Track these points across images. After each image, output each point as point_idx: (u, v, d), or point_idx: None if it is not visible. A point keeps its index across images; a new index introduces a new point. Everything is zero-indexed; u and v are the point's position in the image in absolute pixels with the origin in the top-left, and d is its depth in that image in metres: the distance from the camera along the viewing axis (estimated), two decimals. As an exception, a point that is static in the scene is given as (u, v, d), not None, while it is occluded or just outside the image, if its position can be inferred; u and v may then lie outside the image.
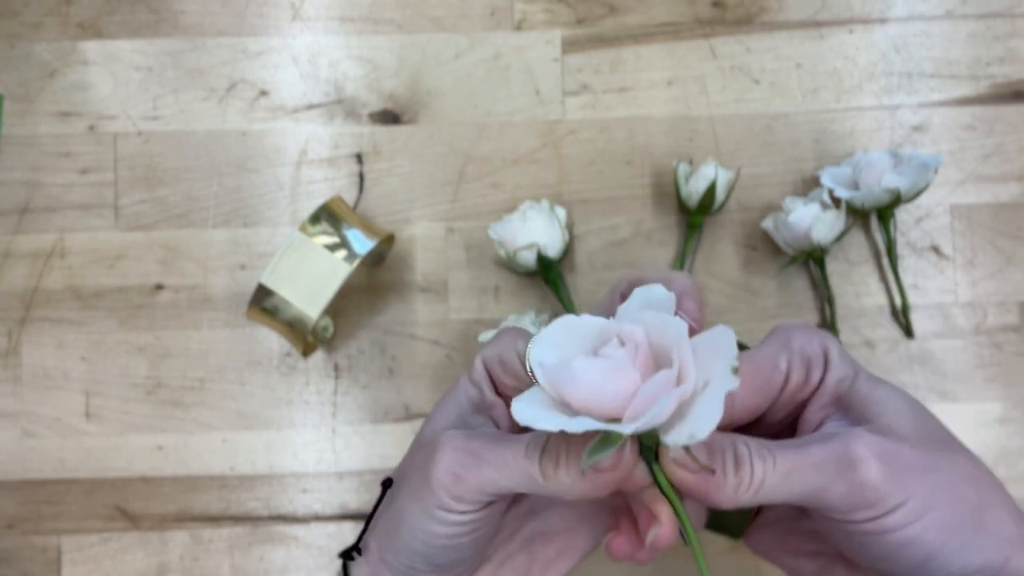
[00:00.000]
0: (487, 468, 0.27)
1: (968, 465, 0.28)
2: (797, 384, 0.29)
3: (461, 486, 0.27)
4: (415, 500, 0.28)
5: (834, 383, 0.29)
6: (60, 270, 0.51)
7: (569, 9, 0.53)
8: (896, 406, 0.28)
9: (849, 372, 0.29)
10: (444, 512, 0.28)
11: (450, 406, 0.31)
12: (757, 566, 0.49)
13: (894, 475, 0.26)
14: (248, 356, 0.51)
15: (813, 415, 0.30)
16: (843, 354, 0.29)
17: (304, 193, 0.52)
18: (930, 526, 0.26)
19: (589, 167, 0.52)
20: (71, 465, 0.50)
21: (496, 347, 0.30)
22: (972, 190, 0.52)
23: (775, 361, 0.29)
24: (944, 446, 0.28)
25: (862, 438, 0.26)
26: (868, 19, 0.53)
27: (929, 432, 0.28)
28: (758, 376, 0.29)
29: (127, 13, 0.53)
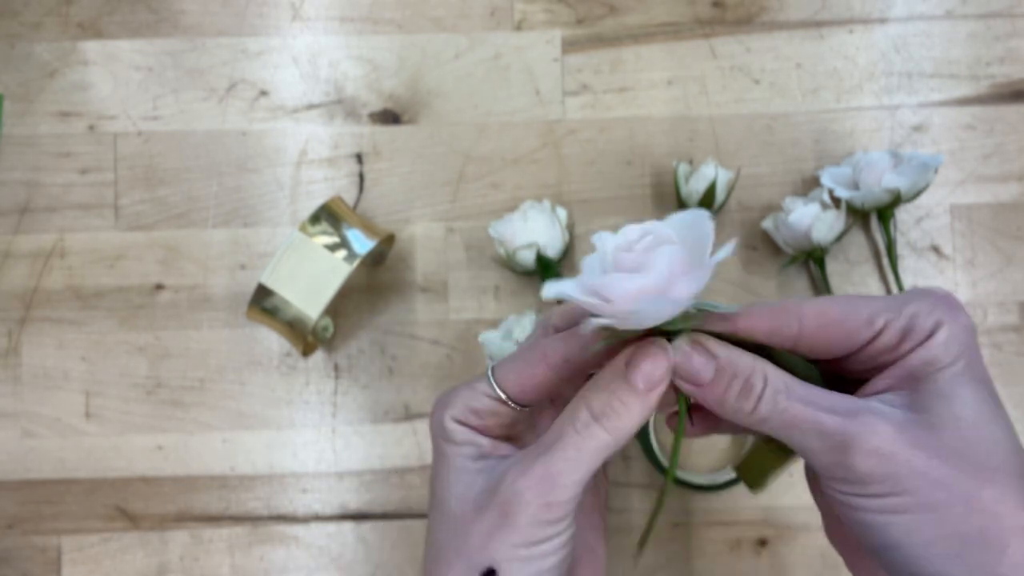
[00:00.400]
0: (565, 477, 0.27)
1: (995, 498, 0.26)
2: (885, 347, 0.28)
3: (554, 510, 0.27)
4: (513, 556, 0.28)
5: (918, 362, 0.28)
6: (60, 270, 0.51)
7: (569, 9, 0.53)
8: (963, 412, 0.27)
9: (944, 360, 0.27)
10: (545, 543, 0.28)
11: (454, 478, 0.30)
12: (756, 565, 0.49)
13: (887, 474, 0.26)
14: (248, 356, 0.51)
15: (880, 383, 0.29)
16: (954, 340, 0.27)
17: (304, 193, 0.52)
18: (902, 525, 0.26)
19: (589, 167, 0.52)
20: (71, 465, 0.50)
21: (457, 403, 0.31)
22: (972, 190, 0.52)
23: (872, 316, 0.28)
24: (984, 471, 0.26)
25: (877, 432, 0.26)
26: (868, 19, 0.53)
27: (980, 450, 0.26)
28: (843, 323, 0.28)
29: (127, 13, 0.53)
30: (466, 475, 0.30)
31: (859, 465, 0.26)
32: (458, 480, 0.30)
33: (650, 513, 0.30)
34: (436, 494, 0.31)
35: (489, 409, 0.30)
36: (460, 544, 0.29)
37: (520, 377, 0.30)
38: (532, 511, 0.27)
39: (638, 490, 0.50)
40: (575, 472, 0.28)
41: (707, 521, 0.50)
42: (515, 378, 0.30)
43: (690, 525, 0.50)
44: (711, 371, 0.28)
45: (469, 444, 0.30)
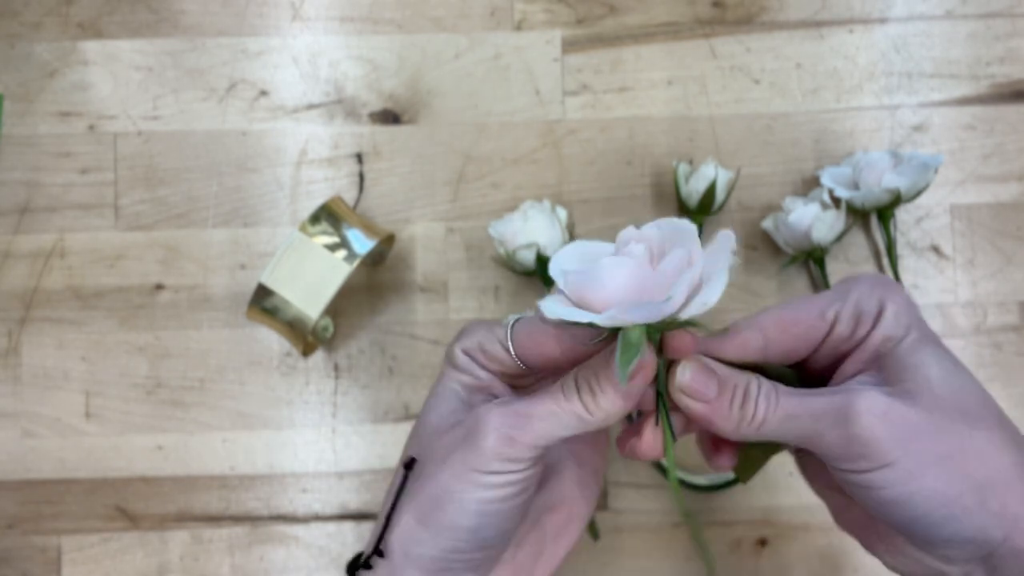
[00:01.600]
0: (537, 422, 0.29)
1: (985, 442, 0.28)
2: (841, 336, 0.30)
3: (515, 446, 0.29)
4: (461, 475, 0.29)
5: (878, 341, 0.29)
6: (60, 270, 0.51)
7: (569, 9, 0.53)
8: (930, 373, 0.28)
9: (898, 333, 0.29)
10: (497, 476, 0.29)
11: (442, 398, 0.32)
12: (756, 565, 0.49)
13: (890, 435, 0.27)
14: (248, 356, 0.51)
15: (849, 368, 0.30)
16: (901, 313, 0.29)
17: (304, 193, 0.52)
18: (921, 491, 0.27)
19: (589, 167, 0.52)
20: (71, 465, 0.50)
21: (472, 337, 0.32)
22: (972, 190, 0.52)
23: (822, 310, 0.30)
24: (968, 419, 0.28)
25: (865, 395, 0.27)
26: (868, 19, 0.53)
27: (958, 402, 0.28)
28: (800, 323, 0.30)
29: (127, 13, 0.53)
30: (454, 399, 0.32)
31: (863, 431, 0.27)
32: (447, 401, 0.32)
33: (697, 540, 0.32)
34: (423, 410, 0.33)
35: (496, 355, 0.32)
36: (426, 451, 0.31)
37: (531, 340, 0.31)
38: (494, 440, 0.29)
39: (638, 490, 0.50)
40: (546, 425, 0.29)
41: (707, 521, 0.50)
42: (526, 339, 0.31)
43: (690, 525, 0.50)
44: (715, 387, 0.29)
45: (468, 373, 0.32)
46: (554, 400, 0.29)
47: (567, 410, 0.29)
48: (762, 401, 0.29)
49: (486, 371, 0.32)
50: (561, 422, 0.29)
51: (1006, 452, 0.28)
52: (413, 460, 0.32)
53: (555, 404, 0.29)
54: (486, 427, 0.29)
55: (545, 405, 0.29)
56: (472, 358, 0.32)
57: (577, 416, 0.29)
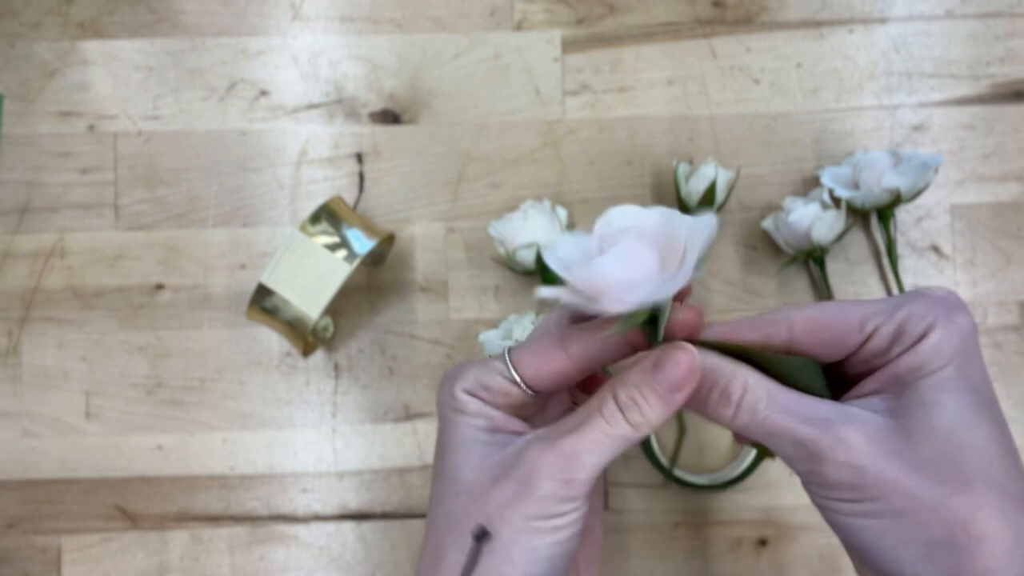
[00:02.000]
0: (587, 457, 0.28)
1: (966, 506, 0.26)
2: (876, 351, 0.29)
3: (572, 487, 0.28)
4: (524, 528, 0.28)
5: (905, 367, 0.28)
6: (60, 270, 0.51)
7: (569, 9, 0.53)
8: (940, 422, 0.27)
9: (932, 364, 0.27)
10: (560, 518, 0.28)
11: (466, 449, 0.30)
12: (756, 565, 0.49)
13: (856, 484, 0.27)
14: (248, 356, 0.51)
15: (868, 384, 0.29)
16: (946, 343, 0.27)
17: (304, 193, 0.52)
18: (871, 528, 0.27)
19: (589, 167, 0.52)
20: (71, 465, 0.50)
21: (467, 378, 0.31)
22: (972, 190, 0.52)
23: (863, 321, 0.29)
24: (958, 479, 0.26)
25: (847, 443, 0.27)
26: (868, 19, 0.53)
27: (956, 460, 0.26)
28: (830, 328, 0.29)
29: (127, 13, 0.53)
30: (479, 446, 0.30)
31: (829, 475, 0.27)
32: (471, 450, 0.30)
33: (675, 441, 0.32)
34: (446, 464, 0.31)
35: (501, 389, 0.30)
36: (477, 512, 0.29)
37: (538, 364, 0.30)
38: (552, 485, 0.28)
39: (638, 490, 0.50)
40: (596, 455, 0.28)
41: (707, 521, 0.50)
42: (533, 363, 0.30)
43: (690, 525, 0.50)
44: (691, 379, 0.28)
45: (481, 416, 0.31)
46: (599, 429, 0.28)
47: (614, 436, 0.28)
48: (744, 409, 0.28)
49: (496, 409, 0.31)
50: (609, 449, 0.28)
51: (987, 524, 0.26)
52: (486, 532, 0.29)
53: (601, 433, 0.28)
54: (540, 474, 0.28)
55: (591, 437, 0.28)
56: (478, 398, 0.31)
57: (625, 438, 0.28)
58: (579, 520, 0.29)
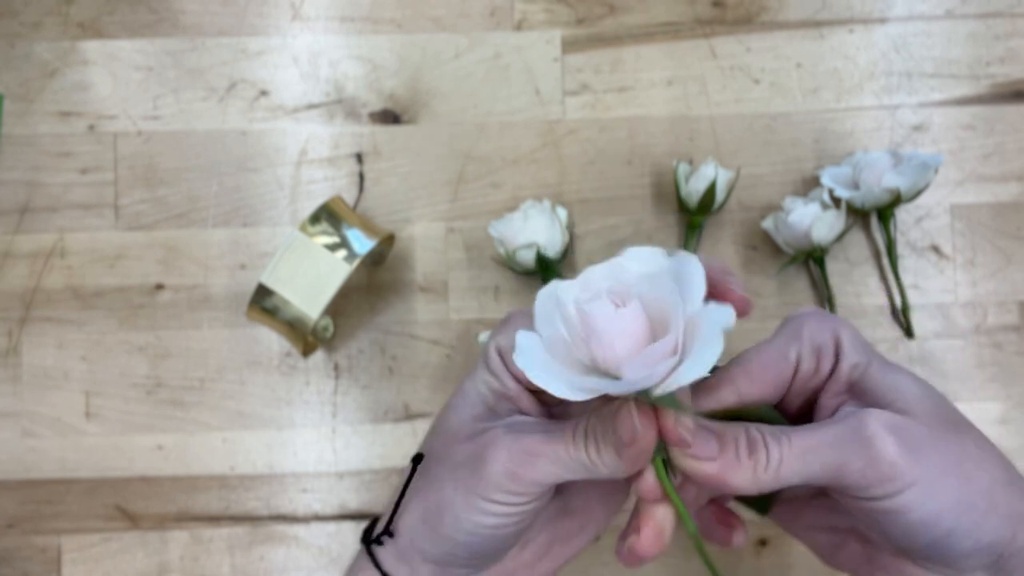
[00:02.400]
0: (543, 463, 0.28)
1: (975, 447, 0.28)
2: (807, 373, 0.30)
3: (518, 483, 0.28)
4: (463, 494, 0.29)
5: (847, 370, 0.30)
6: (60, 270, 0.51)
7: (569, 9, 0.53)
8: (910, 391, 0.29)
9: (862, 359, 0.30)
10: (497, 506, 0.29)
11: (468, 399, 0.32)
12: (756, 565, 0.49)
13: (909, 451, 0.27)
14: (248, 356, 0.51)
15: (828, 402, 0.30)
16: (856, 340, 0.30)
17: (304, 193, 0.52)
18: (943, 505, 0.27)
19: (589, 167, 0.52)
20: (71, 465, 0.50)
21: (509, 335, 0.31)
22: (972, 190, 0.52)
23: (784, 352, 0.30)
24: (955, 428, 0.29)
25: (877, 416, 0.27)
26: (868, 19, 0.53)
27: (941, 416, 0.29)
28: (768, 369, 0.30)
29: (127, 13, 0.53)
30: (479, 404, 0.31)
31: (887, 452, 0.27)
32: (470, 404, 0.31)
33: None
34: (447, 404, 0.32)
35: None
36: (438, 457, 0.31)
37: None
38: (499, 473, 0.28)
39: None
40: (552, 466, 0.28)
41: (707, 521, 0.50)
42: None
43: (690, 525, 0.50)
44: (716, 443, 0.28)
45: (497, 378, 0.31)
46: (563, 445, 0.28)
47: (574, 457, 0.28)
48: (772, 443, 0.28)
49: (515, 380, 0.31)
50: (568, 467, 0.28)
51: (992, 454, 0.29)
52: (420, 456, 0.32)
53: (563, 449, 0.28)
54: (493, 458, 0.28)
55: (554, 447, 0.28)
56: (504, 361, 0.31)
57: (583, 465, 0.28)
58: (516, 516, 0.29)
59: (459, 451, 0.30)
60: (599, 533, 0.34)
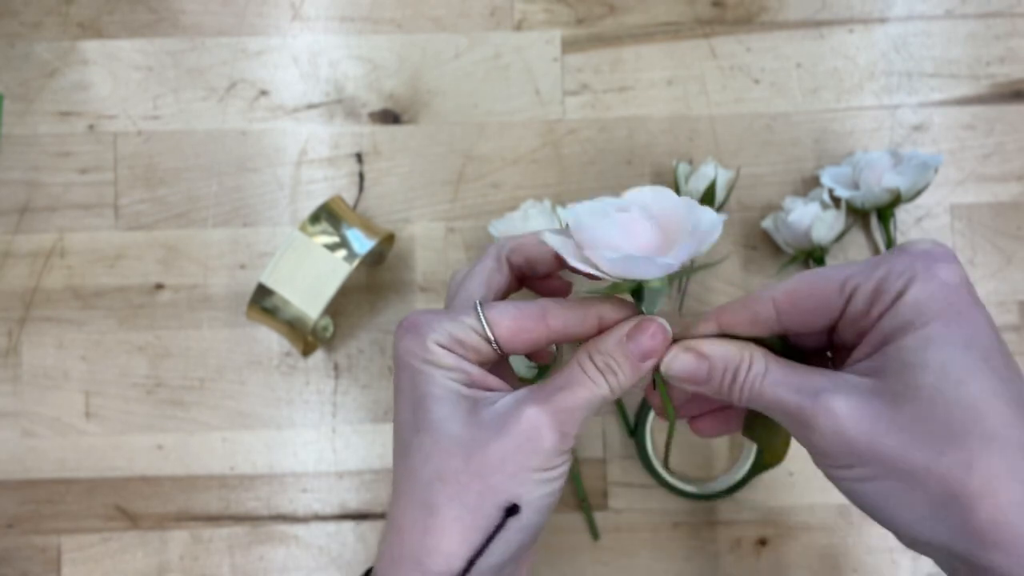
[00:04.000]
0: (578, 413, 0.30)
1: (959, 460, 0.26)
2: (858, 312, 0.29)
3: (567, 440, 0.30)
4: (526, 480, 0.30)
5: (889, 327, 0.27)
6: (60, 270, 0.51)
7: (569, 9, 0.53)
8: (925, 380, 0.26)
9: (916, 322, 0.27)
10: (557, 470, 0.30)
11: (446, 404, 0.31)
12: (756, 565, 0.49)
13: (845, 450, 0.27)
14: (248, 356, 0.51)
15: (861, 349, 0.29)
16: (929, 298, 0.27)
17: (304, 193, 0.52)
18: (876, 491, 0.27)
19: (589, 167, 0.52)
20: (71, 465, 0.50)
21: (438, 330, 0.31)
22: (972, 190, 0.52)
23: (843, 282, 0.29)
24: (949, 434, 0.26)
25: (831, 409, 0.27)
26: (868, 19, 0.53)
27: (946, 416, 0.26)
28: (813, 295, 0.29)
29: (127, 13, 0.53)
30: (462, 400, 0.30)
31: (818, 443, 0.28)
32: (456, 405, 0.30)
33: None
34: (428, 418, 0.30)
35: (475, 346, 0.31)
36: (474, 467, 0.29)
37: (516, 328, 0.31)
38: (554, 439, 0.29)
39: (638, 490, 0.50)
40: (584, 411, 0.30)
41: (707, 521, 0.50)
42: (510, 326, 0.31)
43: (690, 525, 0.50)
44: (706, 370, 0.30)
45: (458, 370, 0.31)
46: (586, 387, 0.30)
47: (596, 394, 0.30)
48: (747, 385, 0.30)
49: (471, 364, 0.31)
50: (592, 406, 0.30)
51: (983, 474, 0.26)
52: (516, 507, 0.30)
53: (587, 391, 0.30)
54: (543, 429, 0.29)
55: (580, 394, 0.30)
56: (454, 353, 0.31)
57: (603, 398, 0.30)
58: (567, 471, 0.31)
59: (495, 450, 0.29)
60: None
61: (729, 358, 0.30)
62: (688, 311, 0.51)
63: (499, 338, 0.31)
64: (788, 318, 0.30)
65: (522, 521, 0.30)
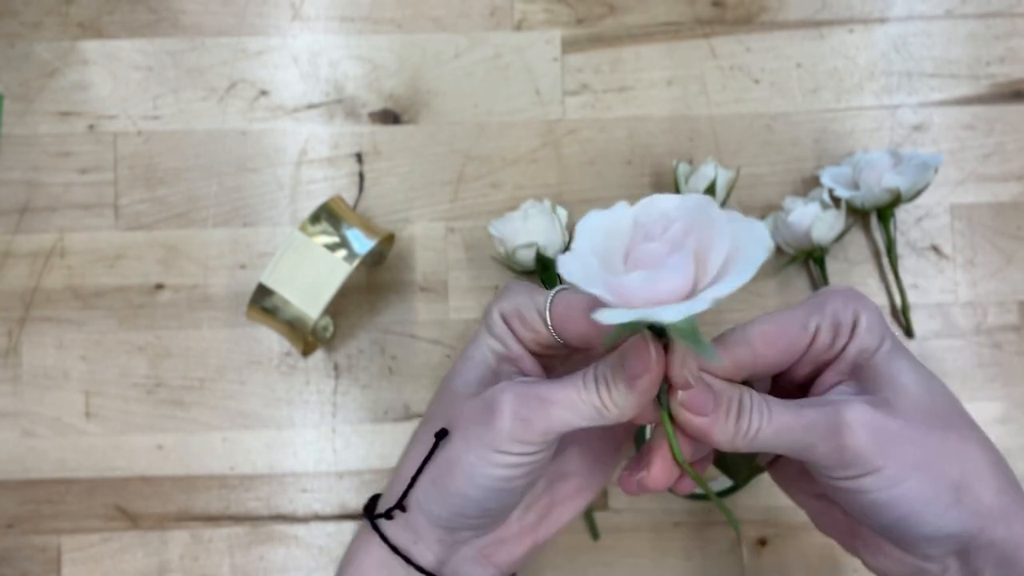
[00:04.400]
0: (554, 409, 0.29)
1: (959, 443, 0.30)
2: (822, 347, 0.31)
3: (529, 430, 0.29)
4: (473, 448, 0.30)
5: (855, 352, 0.31)
6: (60, 270, 0.51)
7: (569, 9, 0.53)
8: (906, 382, 0.30)
9: (873, 343, 0.30)
10: (510, 456, 0.29)
11: (472, 363, 0.32)
12: (756, 565, 0.49)
13: (876, 443, 0.28)
14: (248, 356, 0.51)
15: (828, 379, 0.31)
16: (874, 325, 0.31)
17: (304, 193, 0.52)
18: (905, 493, 0.29)
19: (589, 167, 0.52)
20: (71, 465, 0.50)
21: (512, 300, 0.32)
22: (972, 190, 0.52)
23: (804, 322, 0.31)
24: (942, 422, 0.30)
25: (853, 408, 0.29)
26: (868, 19, 0.53)
27: (932, 408, 0.30)
28: (784, 335, 0.31)
29: (127, 13, 0.53)
30: (482, 367, 0.32)
31: (853, 442, 0.28)
32: (474, 367, 0.32)
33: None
34: (451, 371, 0.33)
35: (533, 324, 0.32)
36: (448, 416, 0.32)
37: (568, 315, 0.31)
38: (510, 421, 0.29)
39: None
40: (563, 413, 0.29)
41: (707, 521, 0.50)
42: (564, 313, 0.31)
43: (690, 525, 0.50)
44: (713, 401, 0.30)
45: (500, 341, 0.32)
46: (574, 389, 0.29)
47: (586, 401, 0.29)
48: (755, 414, 0.30)
49: (519, 343, 0.32)
50: (579, 412, 0.29)
51: (977, 451, 0.30)
52: (445, 431, 0.32)
53: (575, 393, 0.29)
54: (503, 407, 0.29)
55: (565, 392, 0.29)
56: (508, 324, 0.32)
57: (595, 408, 0.29)
58: (527, 467, 0.30)
59: (466, 409, 0.31)
60: (594, 497, 0.36)
61: (731, 392, 0.30)
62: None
63: (554, 320, 0.31)
64: (763, 360, 0.31)
65: (458, 487, 0.30)
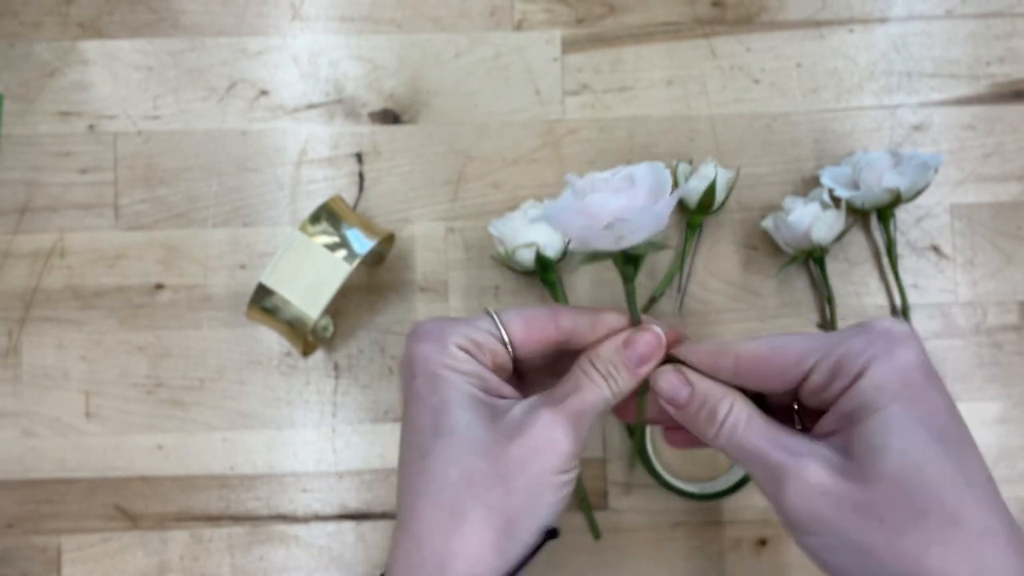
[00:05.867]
0: (588, 418, 0.32)
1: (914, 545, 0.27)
2: (817, 386, 0.30)
3: (581, 443, 0.31)
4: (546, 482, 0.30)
5: (851, 406, 0.29)
6: (60, 270, 0.51)
7: (569, 9, 0.53)
8: (889, 463, 0.27)
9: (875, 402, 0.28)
10: (572, 472, 0.31)
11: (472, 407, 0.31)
12: (756, 565, 0.49)
13: (814, 517, 0.28)
14: (248, 356, 0.51)
15: (827, 422, 0.30)
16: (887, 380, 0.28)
17: (304, 193, 0.52)
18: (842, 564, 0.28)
19: (589, 167, 0.52)
20: (71, 465, 0.50)
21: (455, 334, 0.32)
22: (972, 190, 0.52)
23: (801, 356, 0.30)
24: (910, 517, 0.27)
25: (809, 477, 0.28)
26: (868, 19, 0.53)
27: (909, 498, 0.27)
28: (771, 363, 0.31)
29: (127, 13, 0.53)
30: (482, 406, 0.31)
31: (787, 503, 0.28)
32: (478, 410, 0.31)
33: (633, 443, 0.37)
34: (450, 422, 0.30)
35: (491, 348, 0.32)
36: (500, 470, 0.30)
37: (528, 326, 0.32)
38: (569, 441, 0.31)
39: (638, 490, 0.50)
40: (591, 414, 0.32)
41: (707, 521, 0.50)
42: (523, 326, 0.32)
43: (690, 525, 0.50)
44: (686, 395, 0.31)
45: (477, 376, 0.32)
46: (592, 392, 0.32)
47: (601, 398, 0.32)
48: (726, 428, 0.30)
49: (488, 371, 0.32)
50: (598, 406, 0.32)
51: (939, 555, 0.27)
52: (555, 531, 0.31)
53: (594, 396, 0.32)
54: (560, 431, 0.31)
55: (588, 399, 0.31)
56: (473, 357, 0.32)
57: (606, 400, 0.32)
58: (578, 473, 0.32)
59: (514, 453, 0.30)
60: None
61: (711, 394, 0.31)
62: (688, 311, 0.51)
63: (513, 339, 0.32)
64: (745, 378, 0.31)
65: (539, 524, 0.31)
